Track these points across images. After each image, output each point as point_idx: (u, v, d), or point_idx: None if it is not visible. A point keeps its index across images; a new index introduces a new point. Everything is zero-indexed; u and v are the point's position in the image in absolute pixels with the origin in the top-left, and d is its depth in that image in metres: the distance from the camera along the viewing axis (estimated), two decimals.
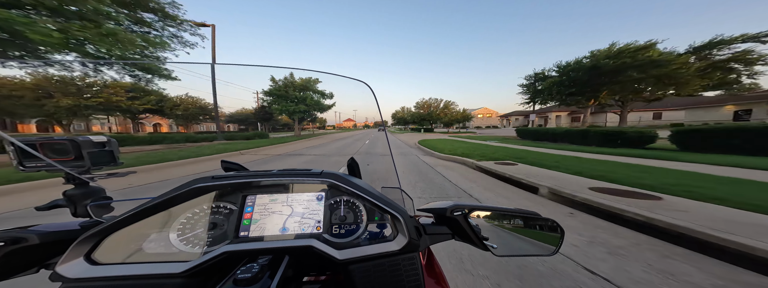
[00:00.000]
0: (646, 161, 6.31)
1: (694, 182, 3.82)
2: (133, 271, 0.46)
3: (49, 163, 0.54)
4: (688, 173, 4.65)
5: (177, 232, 0.53)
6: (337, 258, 0.50)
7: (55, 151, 0.55)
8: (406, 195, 0.81)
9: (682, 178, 4.13)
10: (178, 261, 0.48)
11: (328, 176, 0.58)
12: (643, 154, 7.59)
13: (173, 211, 0.54)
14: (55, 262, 0.47)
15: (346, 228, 0.57)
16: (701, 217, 2.41)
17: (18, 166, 0.54)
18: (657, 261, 1.96)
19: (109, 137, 0.63)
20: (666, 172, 4.76)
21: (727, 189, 3.40)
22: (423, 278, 0.52)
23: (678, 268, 1.86)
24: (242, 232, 0.54)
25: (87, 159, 0.58)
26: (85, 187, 0.61)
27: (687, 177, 4.28)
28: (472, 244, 0.57)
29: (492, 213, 0.57)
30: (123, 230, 0.50)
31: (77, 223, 0.56)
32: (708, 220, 2.32)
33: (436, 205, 0.61)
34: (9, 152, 0.53)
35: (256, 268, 0.50)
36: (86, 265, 0.46)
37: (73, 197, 0.59)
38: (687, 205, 2.80)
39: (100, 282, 0.45)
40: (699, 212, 2.57)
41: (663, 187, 3.55)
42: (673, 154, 7.27)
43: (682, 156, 6.89)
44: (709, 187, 3.46)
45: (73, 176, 0.58)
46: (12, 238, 0.45)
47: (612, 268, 1.87)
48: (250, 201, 0.57)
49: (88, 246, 0.47)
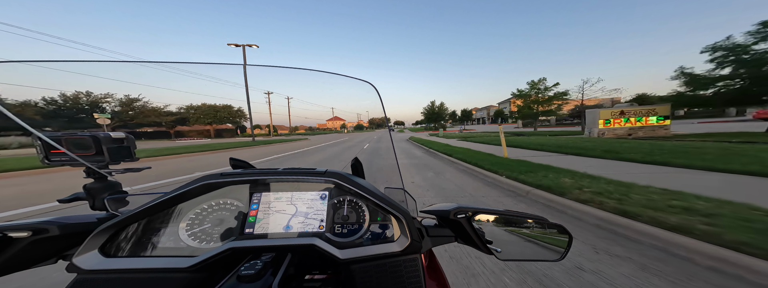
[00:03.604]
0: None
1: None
2: (143, 264, 0.48)
3: (71, 158, 0.57)
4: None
5: (186, 227, 0.55)
6: (339, 257, 0.50)
7: (77, 146, 0.58)
8: (409, 196, 0.81)
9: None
10: (185, 256, 0.50)
11: (332, 175, 0.58)
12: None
13: (183, 206, 0.56)
14: (72, 253, 0.49)
15: (348, 227, 0.57)
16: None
17: (44, 159, 0.57)
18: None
19: (127, 133, 0.66)
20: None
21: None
22: (424, 280, 0.52)
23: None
24: (247, 228, 0.55)
25: (106, 154, 0.61)
26: (103, 181, 0.63)
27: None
28: (476, 248, 0.56)
29: (497, 216, 0.56)
30: (136, 224, 0.53)
31: (95, 216, 0.59)
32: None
33: (439, 207, 0.61)
34: (36, 146, 0.57)
35: (259, 265, 0.51)
36: (100, 258, 0.48)
37: (92, 191, 0.62)
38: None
39: (113, 274, 0.47)
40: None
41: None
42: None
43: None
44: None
45: (92, 170, 0.61)
46: (36, 228, 0.48)
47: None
48: (256, 198, 0.58)
49: (102, 239, 0.50)
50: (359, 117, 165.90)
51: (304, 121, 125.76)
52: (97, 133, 0.61)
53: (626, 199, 2.78)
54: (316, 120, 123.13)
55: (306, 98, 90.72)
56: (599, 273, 1.75)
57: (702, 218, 2.20)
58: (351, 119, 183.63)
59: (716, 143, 8.06)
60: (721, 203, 2.57)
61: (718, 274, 1.69)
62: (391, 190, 0.83)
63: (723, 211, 2.32)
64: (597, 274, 1.75)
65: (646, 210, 2.43)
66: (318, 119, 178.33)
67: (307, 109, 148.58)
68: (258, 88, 55.03)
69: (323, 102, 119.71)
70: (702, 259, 1.81)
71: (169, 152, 11.34)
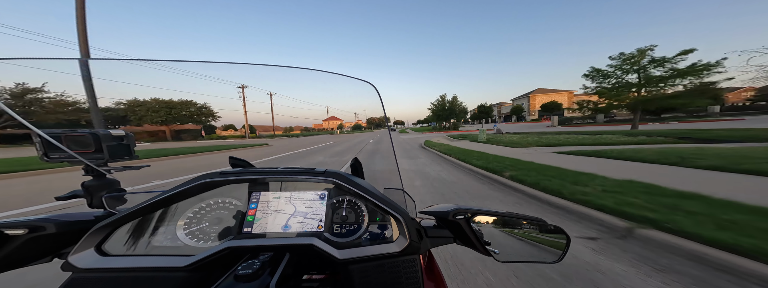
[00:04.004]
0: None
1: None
2: (140, 263, 0.48)
3: (70, 155, 0.56)
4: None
5: (183, 226, 0.54)
6: (337, 257, 0.50)
7: (77, 143, 0.58)
8: (408, 197, 0.81)
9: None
10: (182, 255, 0.50)
11: (331, 175, 0.58)
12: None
13: (181, 205, 0.56)
14: (68, 251, 0.49)
15: (347, 228, 0.57)
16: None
17: (43, 157, 0.57)
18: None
19: (127, 131, 0.66)
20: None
21: None
22: (422, 281, 0.52)
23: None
24: (245, 228, 0.55)
25: (105, 151, 0.61)
26: (101, 179, 0.63)
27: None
28: (474, 249, 0.56)
29: (495, 218, 0.56)
30: (133, 222, 0.52)
31: (92, 214, 0.58)
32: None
33: (438, 208, 0.61)
34: (36, 144, 0.56)
35: (256, 265, 0.51)
36: (96, 256, 0.48)
37: (91, 188, 0.62)
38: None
39: (109, 273, 0.47)
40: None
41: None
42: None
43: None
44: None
45: (91, 168, 0.61)
46: (32, 225, 0.48)
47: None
48: (255, 197, 0.58)
49: (99, 237, 0.49)
50: (357, 116, 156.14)
51: (294, 120, 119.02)
52: (97, 131, 0.61)
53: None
54: (312, 120, 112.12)
55: (305, 98, 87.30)
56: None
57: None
58: (349, 119, 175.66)
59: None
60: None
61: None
62: (391, 191, 0.83)
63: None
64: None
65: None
66: (314, 119, 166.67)
67: (298, 108, 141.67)
68: (258, 88, 53.84)
69: (321, 102, 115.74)
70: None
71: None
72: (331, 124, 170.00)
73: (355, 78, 0.69)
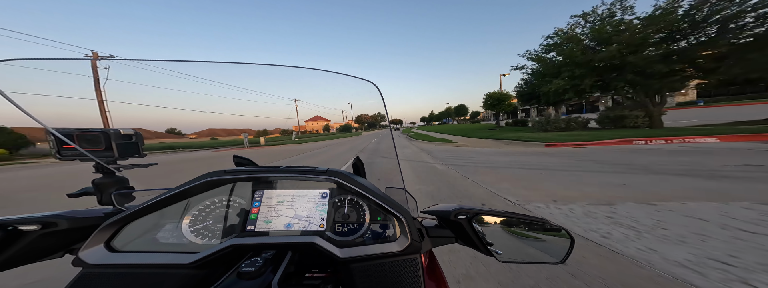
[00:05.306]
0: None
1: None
2: (146, 259, 0.49)
3: (82, 153, 0.58)
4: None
5: (189, 223, 0.55)
6: (339, 256, 0.50)
7: (88, 141, 0.60)
8: (410, 196, 0.81)
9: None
10: (187, 252, 0.51)
11: (333, 174, 0.59)
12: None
13: (187, 203, 0.57)
14: (78, 247, 0.50)
15: (348, 227, 0.57)
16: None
17: (56, 154, 0.59)
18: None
19: (136, 131, 0.68)
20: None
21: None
22: (423, 280, 0.52)
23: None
24: (249, 226, 0.55)
25: (115, 150, 0.62)
26: (111, 176, 0.65)
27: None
28: (476, 249, 0.56)
29: (498, 218, 0.56)
30: (140, 219, 0.54)
31: (102, 211, 0.60)
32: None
33: (440, 207, 0.61)
34: (49, 141, 0.58)
35: (259, 263, 0.51)
36: (105, 252, 0.49)
37: (101, 186, 0.63)
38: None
39: (117, 269, 0.48)
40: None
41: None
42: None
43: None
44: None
45: (101, 166, 0.63)
46: (45, 221, 0.49)
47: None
48: (258, 196, 0.59)
49: (108, 233, 0.51)
50: (344, 115, 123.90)
51: (258, 121, 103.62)
52: (108, 130, 0.63)
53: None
54: (297, 121, 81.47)
55: (306, 98, 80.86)
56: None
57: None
58: (337, 119, 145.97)
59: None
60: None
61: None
62: (392, 190, 0.83)
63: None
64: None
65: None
66: (302, 118, 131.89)
67: (279, 108, 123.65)
68: (258, 88, 52.97)
69: (306, 101, 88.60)
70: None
71: None
72: (316, 126, 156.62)
73: (358, 77, 0.69)
